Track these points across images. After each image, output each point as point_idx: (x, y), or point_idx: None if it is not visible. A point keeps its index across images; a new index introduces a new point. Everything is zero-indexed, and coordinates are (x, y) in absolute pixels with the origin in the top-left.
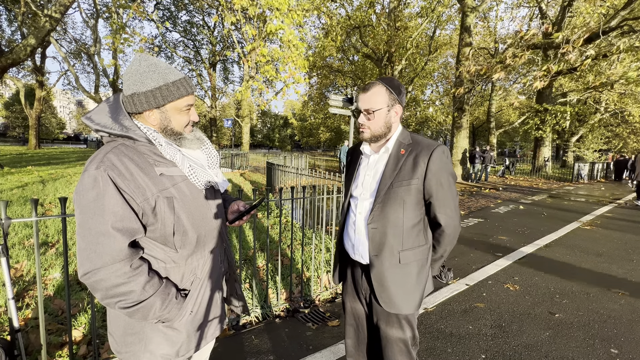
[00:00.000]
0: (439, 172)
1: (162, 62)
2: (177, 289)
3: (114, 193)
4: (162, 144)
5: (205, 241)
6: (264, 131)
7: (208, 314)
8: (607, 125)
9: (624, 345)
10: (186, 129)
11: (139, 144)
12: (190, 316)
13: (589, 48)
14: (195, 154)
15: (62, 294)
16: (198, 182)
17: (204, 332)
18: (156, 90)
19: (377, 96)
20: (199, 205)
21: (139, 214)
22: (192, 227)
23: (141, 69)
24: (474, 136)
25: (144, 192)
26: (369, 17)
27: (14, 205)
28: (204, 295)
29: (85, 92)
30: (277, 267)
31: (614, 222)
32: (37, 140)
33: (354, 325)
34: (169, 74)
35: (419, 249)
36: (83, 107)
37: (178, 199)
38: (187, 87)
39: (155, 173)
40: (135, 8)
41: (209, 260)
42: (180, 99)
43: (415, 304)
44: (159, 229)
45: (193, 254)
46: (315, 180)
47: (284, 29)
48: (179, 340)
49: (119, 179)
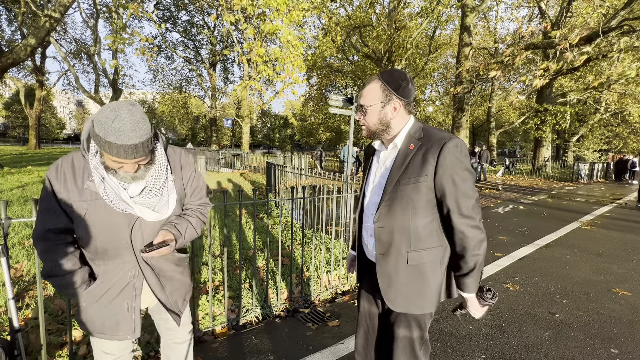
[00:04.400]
0: (451, 168)
1: (121, 122)
2: (87, 280)
3: (48, 191)
4: (92, 164)
5: (110, 255)
6: (264, 131)
7: (105, 312)
8: (607, 125)
9: (624, 345)
10: (120, 171)
11: (85, 160)
12: (85, 306)
13: (587, 47)
14: (131, 185)
15: (62, 294)
16: (112, 204)
17: (104, 326)
18: (96, 134)
19: (371, 92)
20: (113, 223)
21: (64, 208)
22: (96, 238)
23: (102, 113)
24: (474, 136)
25: (68, 193)
26: (369, 17)
27: (14, 205)
28: (102, 297)
29: (85, 92)
30: (277, 267)
31: (614, 222)
32: (37, 140)
33: (365, 326)
34: (110, 134)
35: (431, 250)
36: (83, 107)
37: (90, 211)
38: (116, 151)
39: (83, 184)
40: (134, 8)
41: (112, 271)
42: (107, 153)
43: (424, 305)
44: (74, 227)
45: (95, 259)
46: (315, 180)
47: (281, 30)
48: (85, 318)
49: (54, 181)
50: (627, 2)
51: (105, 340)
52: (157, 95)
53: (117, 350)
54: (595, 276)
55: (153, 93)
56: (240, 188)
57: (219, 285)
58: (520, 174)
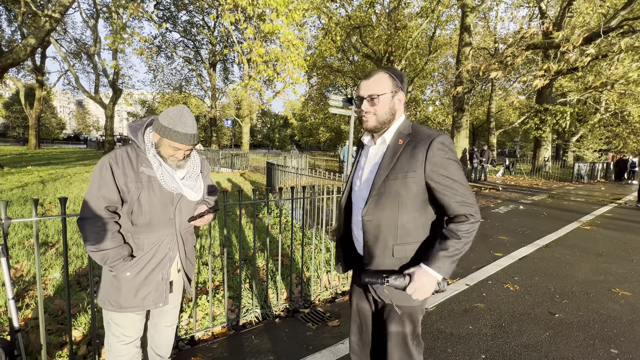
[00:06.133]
0: (441, 163)
1: (185, 117)
2: (130, 253)
3: (108, 173)
4: (150, 153)
5: (156, 227)
6: (264, 131)
7: (143, 283)
8: (607, 125)
9: (624, 345)
10: (170, 159)
11: (139, 149)
12: (129, 277)
13: (589, 48)
14: (177, 171)
15: (62, 294)
16: (165, 185)
17: (137, 296)
18: (164, 127)
19: (381, 81)
20: (162, 200)
21: (120, 190)
22: (148, 212)
23: (170, 112)
24: (474, 136)
25: (126, 177)
26: (369, 17)
27: (14, 205)
28: (145, 267)
29: (85, 92)
30: (277, 267)
31: (614, 222)
32: (37, 140)
33: (358, 322)
34: (178, 125)
35: (416, 244)
36: (83, 107)
37: (145, 190)
38: (181, 138)
39: (138, 169)
40: (134, 8)
41: (156, 241)
42: (171, 140)
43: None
44: (127, 204)
45: (143, 232)
46: (315, 180)
47: (281, 30)
48: (118, 292)
49: (114, 165)
50: (627, 2)
51: (129, 315)
52: (157, 95)
53: (134, 332)
54: (595, 276)
55: (153, 93)
56: (240, 188)
57: (218, 285)
58: (520, 174)
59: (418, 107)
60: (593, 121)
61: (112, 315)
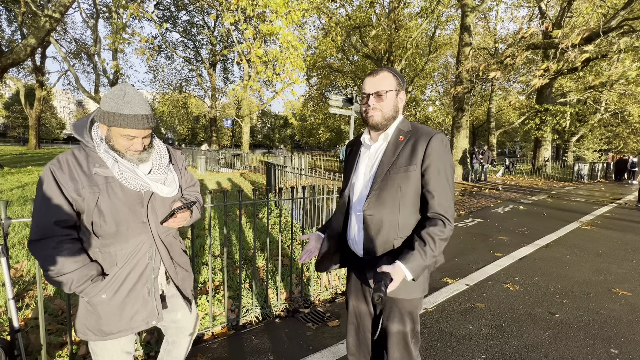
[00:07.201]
0: (437, 159)
1: (130, 96)
2: (100, 272)
3: (52, 183)
4: (101, 150)
5: (128, 235)
6: (264, 131)
7: (125, 302)
8: (607, 125)
9: (624, 345)
10: (129, 153)
11: (88, 149)
12: (106, 299)
13: (589, 47)
14: (140, 166)
15: (62, 294)
16: (127, 183)
17: (122, 318)
18: (107, 113)
19: (387, 79)
20: (128, 203)
21: (70, 200)
22: (112, 220)
23: (111, 94)
24: (474, 136)
25: (76, 183)
26: (368, 17)
27: (14, 205)
28: (123, 284)
29: (85, 92)
30: (277, 267)
31: (614, 222)
32: (37, 140)
33: (355, 323)
34: (123, 107)
35: None
36: (83, 107)
37: (103, 193)
38: (130, 122)
39: (91, 170)
40: (134, 8)
41: (131, 252)
42: (119, 127)
43: (409, 290)
44: (85, 215)
45: (112, 244)
46: (315, 180)
47: (280, 31)
48: (97, 318)
49: (58, 172)
50: (627, 2)
51: (114, 341)
52: (157, 95)
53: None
54: (595, 276)
55: (153, 93)
56: (240, 188)
57: (219, 285)
58: (520, 174)
59: (418, 107)
60: (593, 121)
61: (97, 345)
